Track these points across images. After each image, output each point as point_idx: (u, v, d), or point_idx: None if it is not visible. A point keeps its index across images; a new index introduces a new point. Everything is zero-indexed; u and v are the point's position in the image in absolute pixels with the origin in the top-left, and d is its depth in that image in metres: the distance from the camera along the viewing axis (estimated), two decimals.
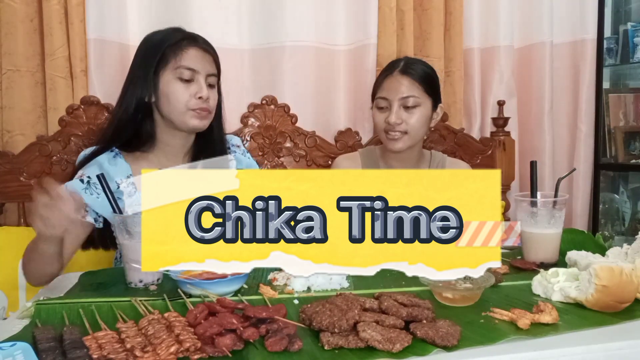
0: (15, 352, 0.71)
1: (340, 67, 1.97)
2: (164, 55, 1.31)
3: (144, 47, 1.36)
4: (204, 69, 1.33)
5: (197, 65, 1.32)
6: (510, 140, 2.07)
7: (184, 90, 1.30)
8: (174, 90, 1.30)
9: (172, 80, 1.30)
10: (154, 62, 1.31)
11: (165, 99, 1.31)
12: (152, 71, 1.31)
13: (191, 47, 1.33)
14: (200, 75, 1.32)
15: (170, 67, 1.31)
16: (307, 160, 1.90)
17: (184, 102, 1.30)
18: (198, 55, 1.33)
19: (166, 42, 1.32)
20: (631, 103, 2.44)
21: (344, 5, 1.95)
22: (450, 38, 2.09)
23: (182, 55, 1.31)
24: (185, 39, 1.33)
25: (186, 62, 1.31)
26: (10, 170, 1.67)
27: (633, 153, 2.39)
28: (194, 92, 1.31)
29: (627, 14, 2.42)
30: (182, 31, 1.36)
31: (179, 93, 1.30)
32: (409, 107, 1.52)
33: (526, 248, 1.19)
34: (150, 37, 1.37)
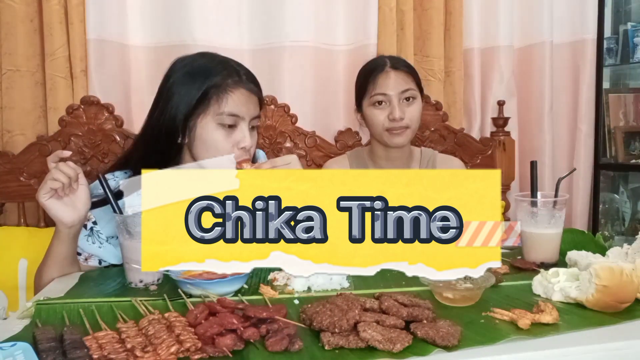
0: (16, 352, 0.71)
1: (340, 67, 1.97)
2: (205, 97, 1.15)
3: (179, 76, 1.19)
4: (248, 114, 1.19)
5: (242, 110, 1.18)
6: (510, 140, 2.07)
7: (225, 138, 1.17)
8: (214, 138, 1.16)
9: (212, 126, 1.16)
10: (193, 102, 1.15)
11: (202, 145, 1.17)
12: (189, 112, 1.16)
13: (237, 88, 1.18)
14: (244, 121, 1.19)
15: (211, 111, 1.16)
16: (307, 160, 1.90)
17: (225, 153, 1.16)
18: (243, 99, 1.18)
19: (209, 80, 1.16)
20: (631, 103, 2.44)
21: (344, 5, 1.95)
22: (450, 38, 2.09)
23: (227, 99, 1.16)
24: (230, 76, 1.18)
25: (230, 107, 1.16)
26: (10, 170, 1.67)
27: (633, 153, 2.39)
28: (236, 141, 1.18)
29: (627, 14, 2.42)
30: (225, 63, 1.21)
31: (220, 142, 1.16)
32: (408, 100, 1.53)
33: (526, 248, 1.19)
34: (187, 65, 1.21)
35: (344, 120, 1.99)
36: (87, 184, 1.12)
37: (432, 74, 2.07)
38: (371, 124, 1.59)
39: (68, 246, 1.14)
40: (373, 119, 1.56)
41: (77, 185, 1.10)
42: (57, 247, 1.14)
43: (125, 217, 1.05)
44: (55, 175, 1.06)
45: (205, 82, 1.16)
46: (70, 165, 1.08)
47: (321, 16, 1.93)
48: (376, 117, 1.56)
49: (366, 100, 1.57)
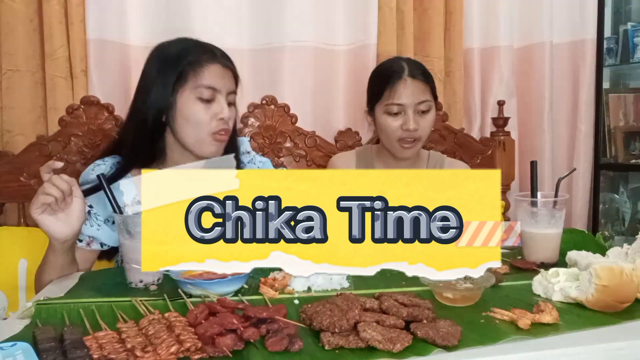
0: (16, 352, 0.71)
1: (340, 67, 1.97)
2: (183, 73, 1.22)
3: (157, 61, 1.27)
4: (224, 87, 1.25)
5: (218, 83, 1.24)
6: (510, 140, 2.07)
7: (205, 111, 1.23)
8: (194, 111, 1.22)
9: (192, 100, 1.22)
10: (171, 81, 1.22)
11: (183, 120, 1.23)
12: (169, 90, 1.22)
13: (212, 63, 1.24)
14: (221, 94, 1.25)
15: (189, 85, 1.22)
16: (307, 160, 1.90)
17: (205, 124, 1.22)
18: (219, 72, 1.25)
19: (185, 58, 1.23)
20: (631, 103, 2.44)
21: (344, 5, 1.95)
22: (450, 38, 2.09)
23: (202, 72, 1.22)
24: (205, 53, 1.25)
25: (207, 80, 1.22)
26: (10, 170, 1.67)
27: (633, 153, 2.39)
28: (215, 113, 1.23)
29: (627, 14, 2.42)
30: (200, 44, 1.28)
31: (199, 114, 1.22)
32: (422, 112, 1.50)
33: (526, 248, 1.19)
34: (165, 49, 1.28)
35: (344, 120, 1.99)
36: (81, 196, 1.09)
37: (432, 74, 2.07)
38: (383, 132, 1.55)
39: (64, 257, 1.14)
40: (386, 128, 1.53)
41: (72, 199, 1.07)
42: (53, 258, 1.13)
43: (125, 217, 1.05)
44: (48, 190, 1.03)
45: (181, 60, 1.23)
46: (64, 179, 1.05)
47: (321, 16, 1.93)
48: (389, 126, 1.52)
49: (380, 106, 1.54)
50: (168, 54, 1.26)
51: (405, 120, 1.49)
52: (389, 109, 1.52)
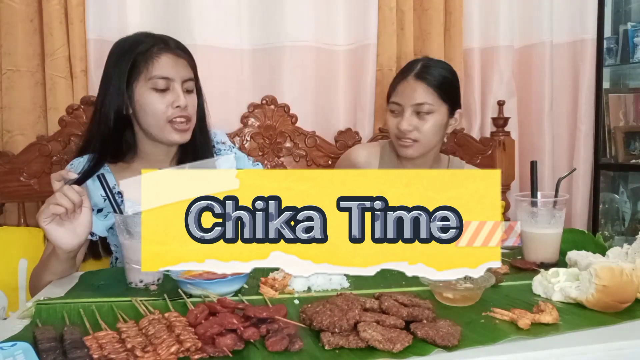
0: (16, 352, 0.71)
1: (340, 67, 1.97)
2: (135, 65, 1.25)
3: (114, 56, 1.30)
4: (178, 75, 1.27)
5: (171, 72, 1.26)
6: (510, 140, 2.07)
7: (160, 100, 1.25)
8: (149, 102, 1.25)
9: (147, 91, 1.25)
10: (126, 73, 1.25)
11: (142, 111, 1.26)
12: (124, 82, 1.25)
13: (163, 53, 1.26)
14: (175, 82, 1.26)
15: (142, 77, 1.25)
16: (307, 160, 1.90)
17: (161, 113, 1.25)
18: (170, 62, 1.27)
19: (136, 50, 1.25)
20: (631, 103, 2.44)
21: (344, 5, 1.95)
22: (450, 38, 2.09)
23: (153, 63, 1.24)
24: (155, 44, 1.27)
25: (159, 70, 1.25)
26: (10, 170, 1.67)
27: (633, 153, 2.39)
28: (170, 102, 1.25)
29: (627, 14, 2.42)
30: (152, 36, 1.30)
31: (155, 104, 1.25)
32: (422, 114, 1.48)
33: (526, 248, 1.19)
34: (120, 43, 1.31)
35: (344, 120, 1.99)
36: (90, 206, 1.10)
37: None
38: (387, 128, 1.57)
39: (66, 264, 1.14)
40: (387, 123, 1.55)
41: (81, 210, 1.08)
42: (55, 264, 1.13)
43: (125, 217, 1.05)
44: (59, 201, 1.03)
45: (132, 52, 1.25)
46: (75, 189, 1.06)
47: (321, 16, 1.93)
48: (388, 122, 1.54)
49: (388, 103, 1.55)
50: (122, 48, 1.29)
51: (401, 120, 1.49)
52: (390, 107, 1.53)
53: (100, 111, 1.29)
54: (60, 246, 1.08)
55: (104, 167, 1.30)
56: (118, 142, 1.31)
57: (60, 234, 1.07)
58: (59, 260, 1.12)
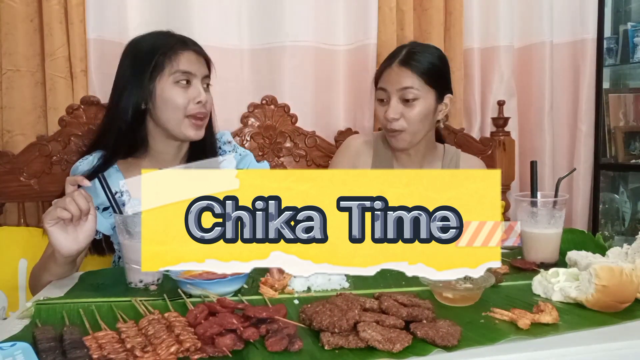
0: (16, 352, 0.71)
1: (340, 67, 1.97)
2: (158, 61, 1.28)
3: (133, 54, 1.32)
4: (199, 72, 1.32)
5: (193, 68, 1.30)
6: (510, 140, 2.07)
7: (183, 95, 1.28)
8: (172, 95, 1.28)
9: (170, 85, 1.28)
10: (149, 69, 1.27)
11: (163, 105, 1.28)
12: (147, 77, 1.27)
13: (185, 50, 1.31)
14: (197, 78, 1.31)
15: (166, 72, 1.28)
16: (307, 160, 1.90)
17: (183, 107, 1.28)
18: (192, 58, 1.31)
19: (159, 48, 1.29)
20: (631, 103, 2.44)
21: (344, 5, 1.95)
22: (450, 38, 2.09)
23: (177, 59, 1.28)
24: (178, 42, 1.31)
25: (182, 66, 1.29)
26: (10, 170, 1.67)
27: (633, 153, 2.39)
28: (192, 97, 1.29)
29: (627, 14, 2.42)
30: (173, 35, 1.34)
31: (178, 98, 1.28)
32: (408, 101, 1.43)
33: (526, 248, 1.19)
34: (139, 42, 1.34)
35: (344, 120, 1.99)
36: (96, 214, 1.10)
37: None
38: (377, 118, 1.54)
39: (64, 267, 1.13)
40: (376, 113, 1.52)
41: (86, 218, 1.08)
42: (53, 267, 1.13)
43: (125, 217, 1.05)
44: (68, 206, 1.03)
45: (155, 51, 1.28)
46: (85, 196, 1.06)
47: (321, 16, 1.93)
48: (377, 111, 1.50)
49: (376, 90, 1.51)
50: (142, 47, 1.32)
51: (387, 108, 1.45)
52: (377, 95, 1.50)
53: (117, 107, 1.31)
54: (59, 250, 1.07)
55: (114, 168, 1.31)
56: (132, 139, 1.32)
57: (62, 238, 1.06)
58: (57, 264, 1.11)
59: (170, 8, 1.81)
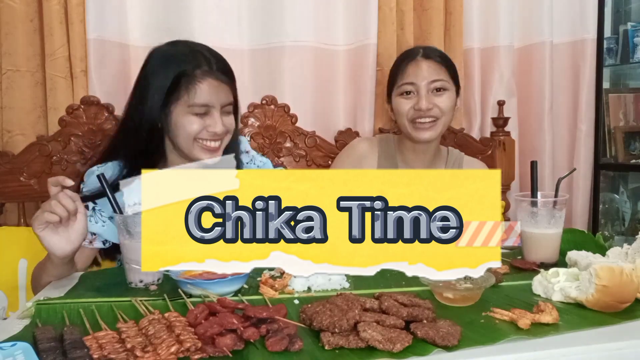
0: (16, 352, 0.71)
1: (340, 67, 1.97)
2: (177, 87, 1.21)
3: (154, 65, 1.26)
4: (218, 102, 1.24)
5: (212, 99, 1.23)
6: (510, 140, 2.07)
7: (197, 124, 1.23)
8: (186, 124, 1.22)
9: (185, 115, 1.22)
10: (165, 91, 1.21)
11: (175, 130, 1.24)
12: (162, 100, 1.22)
13: (206, 79, 1.22)
14: (215, 108, 1.24)
15: (182, 102, 1.21)
16: (307, 160, 1.90)
17: (195, 133, 1.23)
18: (212, 89, 1.23)
19: (179, 69, 1.21)
20: (631, 103, 2.44)
21: (344, 5, 1.94)
22: (450, 38, 2.09)
23: (195, 90, 1.21)
24: (199, 66, 1.22)
25: (200, 98, 1.21)
26: (10, 170, 1.67)
27: (633, 153, 2.39)
28: (207, 126, 1.23)
29: (627, 14, 2.42)
30: (196, 53, 1.25)
31: (191, 127, 1.22)
32: (438, 91, 1.47)
33: (526, 248, 1.19)
34: (162, 55, 1.27)
35: (344, 120, 1.99)
36: (85, 212, 1.09)
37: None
38: (397, 115, 1.53)
39: (62, 268, 1.13)
40: (399, 109, 1.51)
41: (75, 217, 1.06)
42: (51, 268, 1.12)
43: (125, 217, 1.05)
44: (54, 209, 1.02)
45: (175, 70, 1.21)
46: (70, 196, 1.04)
47: (321, 16, 1.93)
48: (401, 106, 1.50)
49: (395, 90, 1.52)
50: (163, 63, 1.25)
51: (418, 100, 1.47)
52: (401, 90, 1.50)
53: (134, 121, 1.27)
54: (53, 252, 1.07)
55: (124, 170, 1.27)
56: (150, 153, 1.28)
57: (55, 241, 1.05)
58: (54, 265, 1.11)
59: (171, 8, 1.81)
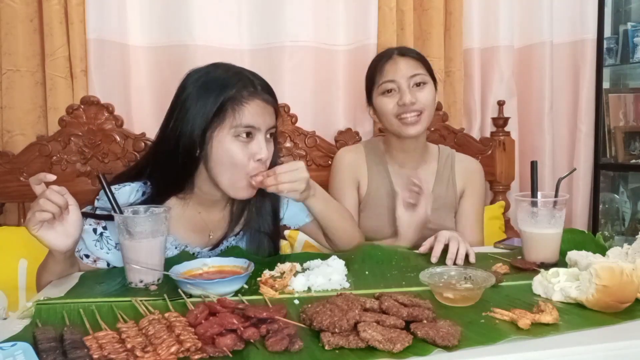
0: (16, 352, 0.71)
1: (340, 67, 1.97)
2: (222, 109, 1.12)
3: (194, 91, 1.16)
4: (264, 124, 1.15)
5: (258, 121, 1.14)
6: (510, 140, 2.07)
7: (241, 150, 1.13)
8: (230, 151, 1.13)
9: (229, 139, 1.13)
10: (209, 115, 1.12)
11: (217, 158, 1.14)
12: (205, 125, 1.13)
13: (252, 100, 1.14)
14: (260, 132, 1.15)
15: (227, 124, 1.12)
16: (307, 160, 1.90)
17: (241, 166, 1.13)
18: (259, 110, 1.15)
19: (225, 93, 1.13)
20: (631, 103, 2.44)
21: (344, 5, 1.95)
22: (450, 38, 2.09)
23: (242, 111, 1.12)
24: (245, 88, 1.15)
25: (246, 119, 1.12)
26: (10, 170, 1.67)
27: (633, 153, 2.39)
28: (252, 153, 1.14)
29: (627, 14, 2.42)
30: (241, 76, 1.17)
31: (235, 155, 1.13)
32: (418, 85, 1.48)
33: (526, 248, 1.19)
34: (203, 76, 1.17)
35: (344, 120, 1.99)
36: (76, 203, 1.05)
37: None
38: (381, 114, 1.53)
39: (64, 264, 1.13)
40: (382, 108, 1.51)
41: (68, 210, 1.04)
42: (53, 265, 1.12)
43: (125, 217, 1.05)
44: (44, 207, 0.99)
45: (221, 94, 1.13)
46: (57, 191, 1.01)
47: (321, 16, 1.93)
48: (385, 105, 1.50)
49: (375, 90, 1.52)
50: (205, 85, 1.16)
51: (401, 95, 1.47)
52: (382, 89, 1.50)
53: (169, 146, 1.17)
54: (55, 249, 1.06)
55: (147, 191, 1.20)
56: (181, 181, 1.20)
57: (53, 237, 1.04)
58: (56, 261, 1.11)
59: (170, 8, 1.81)
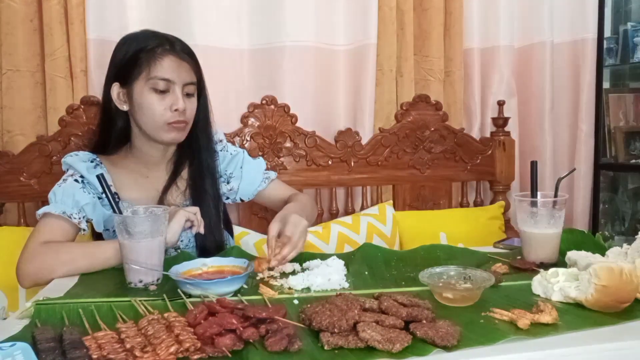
0: (15, 352, 0.71)
1: (340, 67, 1.97)
2: (138, 64, 1.25)
3: (119, 51, 1.30)
4: (180, 79, 1.27)
5: (173, 75, 1.25)
6: (510, 140, 2.07)
7: (159, 101, 1.25)
8: (148, 102, 1.25)
9: (146, 90, 1.25)
10: (127, 70, 1.25)
11: (139, 109, 1.27)
12: (126, 79, 1.26)
13: (167, 55, 1.25)
14: (176, 85, 1.26)
15: (143, 77, 1.25)
16: (307, 160, 1.90)
17: (159, 114, 1.25)
18: (173, 64, 1.26)
19: (141, 49, 1.25)
20: (631, 103, 2.44)
21: (344, 5, 1.95)
22: (450, 38, 2.09)
23: (156, 64, 1.24)
24: (160, 45, 1.26)
25: (160, 72, 1.24)
26: (10, 170, 1.67)
27: (633, 153, 2.39)
28: (169, 104, 1.25)
29: (627, 14, 2.42)
30: (158, 36, 1.29)
31: (153, 105, 1.25)
32: None
33: (526, 248, 1.19)
34: (126, 40, 1.31)
35: (344, 120, 1.99)
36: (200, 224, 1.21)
37: (432, 74, 2.08)
38: None
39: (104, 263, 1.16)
40: None
41: None
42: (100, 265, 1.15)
43: (125, 217, 1.05)
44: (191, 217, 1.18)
45: (138, 52, 1.25)
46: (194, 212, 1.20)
47: (321, 16, 1.93)
48: None
49: None
50: (126, 45, 1.29)
51: None
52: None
53: (104, 106, 1.32)
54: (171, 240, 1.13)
55: (99, 165, 1.30)
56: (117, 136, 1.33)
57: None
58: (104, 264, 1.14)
59: (170, 8, 1.81)
